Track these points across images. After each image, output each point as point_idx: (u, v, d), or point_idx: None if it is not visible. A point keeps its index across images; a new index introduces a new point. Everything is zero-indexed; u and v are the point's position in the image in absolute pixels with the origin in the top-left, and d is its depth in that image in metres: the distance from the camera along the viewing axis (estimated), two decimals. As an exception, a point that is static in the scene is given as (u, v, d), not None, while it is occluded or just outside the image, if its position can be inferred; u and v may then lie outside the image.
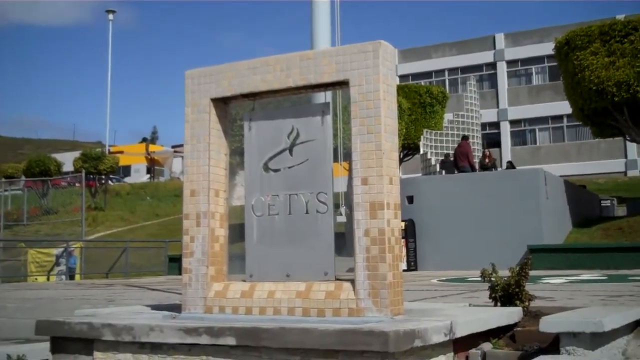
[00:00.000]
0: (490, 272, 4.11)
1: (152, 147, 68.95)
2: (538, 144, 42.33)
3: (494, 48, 43.89)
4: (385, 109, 3.55)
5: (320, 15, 8.60)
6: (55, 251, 19.69)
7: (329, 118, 3.84)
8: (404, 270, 3.59)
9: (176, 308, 4.15)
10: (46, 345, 3.84)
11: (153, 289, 8.83)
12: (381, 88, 3.55)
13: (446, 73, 45.19)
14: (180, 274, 17.18)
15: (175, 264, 19.10)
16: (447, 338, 3.08)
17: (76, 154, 45.27)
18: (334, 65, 3.70)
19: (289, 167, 3.86)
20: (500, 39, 43.90)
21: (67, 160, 45.99)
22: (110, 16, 55.99)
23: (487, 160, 19.99)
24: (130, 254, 19.95)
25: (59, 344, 3.65)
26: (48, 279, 18.48)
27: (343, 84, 3.73)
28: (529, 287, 4.07)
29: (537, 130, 42.53)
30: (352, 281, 3.46)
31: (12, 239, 25.10)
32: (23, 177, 41.47)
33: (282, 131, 3.91)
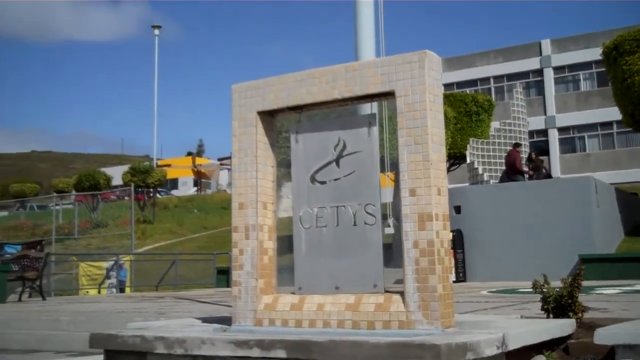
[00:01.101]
0: (541, 283, 4.04)
1: (198, 160, 69.83)
2: (587, 151, 41.62)
3: (540, 54, 43.36)
4: (432, 119, 3.53)
5: (364, 26, 8.61)
6: (106, 264, 20.03)
7: (375, 129, 3.83)
8: (452, 282, 3.55)
9: (226, 321, 4.17)
10: (99, 358, 3.90)
11: (202, 302, 8.90)
12: (427, 98, 3.52)
13: (492, 81, 44.80)
14: (228, 286, 17.38)
15: (223, 276, 19.27)
16: (500, 351, 3.04)
17: (125, 167, 46.02)
18: (379, 76, 3.69)
19: (336, 179, 3.86)
20: (547, 45, 43.36)
21: (116, 174, 46.78)
22: (156, 31, 56.94)
23: (534, 162, 19.63)
24: (179, 266, 20.20)
25: (112, 357, 3.70)
26: (99, 292, 18.80)
27: (389, 95, 3.72)
28: (582, 298, 3.99)
29: (586, 137, 41.84)
30: (402, 293, 3.43)
31: (64, 252, 25.60)
32: (74, 192, 42.33)
33: (329, 143, 3.91)
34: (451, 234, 12.64)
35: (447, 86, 43.48)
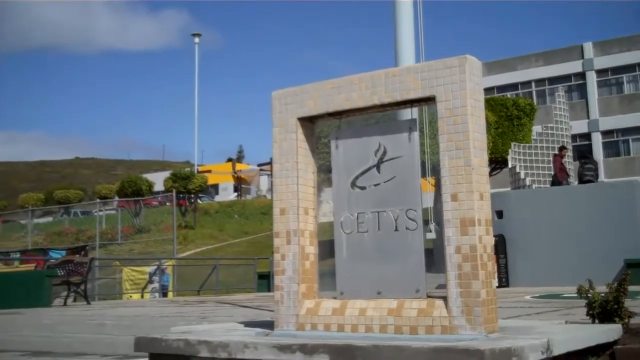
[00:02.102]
0: (586, 288, 3.99)
1: (238, 166, 70.26)
2: (632, 154, 40.86)
3: (582, 57, 42.74)
4: (473, 124, 3.52)
5: (403, 32, 8.60)
6: (149, 269, 20.27)
7: (416, 134, 3.83)
8: (495, 287, 3.53)
9: (268, 325, 4.20)
10: (144, 361, 3.96)
11: (244, 306, 8.96)
12: (468, 103, 3.51)
13: (533, 84, 44.30)
14: (269, 291, 17.46)
15: (264, 281, 19.35)
16: (544, 356, 3.01)
17: (166, 174, 46.59)
18: (419, 82, 3.69)
19: (377, 185, 3.86)
20: (589, 48, 42.74)
21: (158, 180, 47.37)
22: (196, 39, 57.58)
23: (564, 157, 19.24)
24: (220, 271, 20.35)
25: (157, 360, 3.76)
26: (142, 297, 19.03)
27: (429, 100, 3.71)
28: (628, 303, 3.93)
29: (630, 140, 41.09)
30: (444, 298, 3.42)
31: (108, 257, 25.99)
32: (116, 197, 42.99)
33: (369, 149, 3.92)
34: (493, 238, 12.51)
35: (488, 90, 43.09)
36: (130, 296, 19.15)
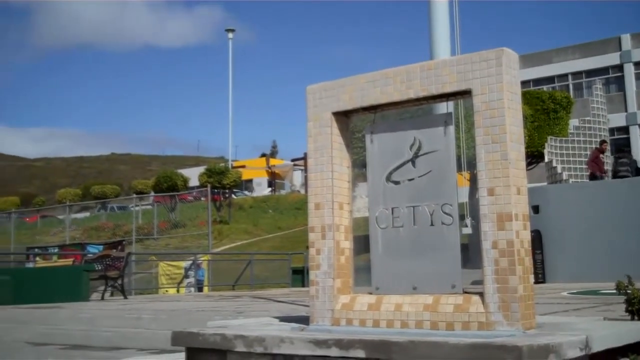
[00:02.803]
0: (625, 284, 3.93)
1: (272, 161, 70.48)
2: (671, 148, 40.11)
3: (620, 49, 42.02)
4: (510, 117, 3.48)
5: (439, 25, 8.53)
6: (184, 264, 20.45)
7: (451, 128, 3.80)
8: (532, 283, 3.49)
9: (303, 320, 4.21)
10: (181, 356, 3.99)
11: (278, 301, 9.00)
12: (505, 96, 3.47)
13: (569, 77, 43.69)
14: (303, 286, 17.52)
15: (298, 276, 19.44)
16: (583, 353, 2.97)
17: (201, 169, 46.91)
18: (455, 75, 3.66)
19: (413, 179, 3.84)
20: (627, 40, 42.00)
21: (193, 175, 47.71)
22: (230, 35, 57.88)
23: (604, 151, 18.95)
24: (254, 266, 20.46)
25: (194, 354, 3.78)
26: (178, 291, 19.21)
27: (465, 94, 3.68)
28: (670, 300, 3.85)
29: (670, 133, 40.34)
30: (481, 294, 3.39)
31: (144, 252, 26.27)
32: (152, 193, 43.43)
33: (404, 143, 3.90)
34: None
35: (524, 83, 42.56)
36: (167, 291, 19.34)
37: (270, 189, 62.70)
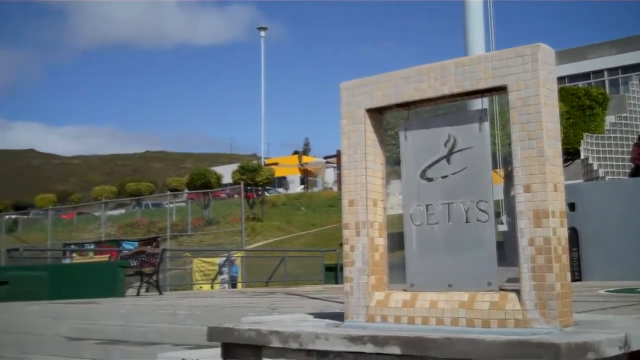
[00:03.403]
0: (665, 282, 3.87)
1: (304, 159, 70.59)
2: None
3: (658, 44, 41.30)
4: (547, 113, 3.44)
5: (473, 20, 8.47)
6: (218, 260, 20.57)
7: (486, 125, 3.78)
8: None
9: (337, 316, 4.22)
10: (216, 351, 4.03)
11: (312, 298, 9.02)
12: (541, 92, 3.44)
13: (605, 74, 43.06)
14: (336, 283, 17.52)
15: (331, 273, 19.44)
16: (622, 351, 2.93)
17: (234, 166, 47.18)
18: (490, 71, 3.63)
19: (447, 176, 3.83)
20: (665, 35, 41.26)
21: (226, 173, 48.00)
22: (262, 33, 58.09)
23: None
24: (288, 263, 20.52)
25: (229, 350, 3.82)
26: (212, 287, 19.35)
27: (500, 90, 3.65)
28: None
29: None
30: (517, 292, 3.37)
31: (178, 248, 26.51)
32: (186, 190, 43.79)
33: (439, 139, 3.89)
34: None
35: (559, 80, 41.81)
36: (201, 287, 19.49)
37: (302, 186, 62.80)
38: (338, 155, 54.04)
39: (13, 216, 47.53)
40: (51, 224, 34.13)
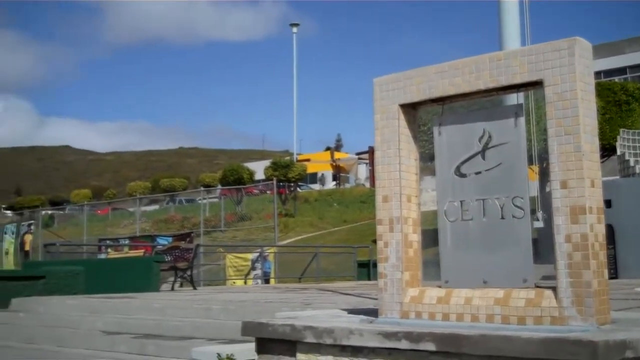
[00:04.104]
0: None
1: (337, 155, 70.49)
2: None
3: (697, 37, 40.48)
4: (584, 108, 3.40)
5: (508, 15, 8.39)
6: (251, 256, 20.65)
7: (522, 120, 3.74)
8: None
9: (371, 312, 4.22)
10: (250, 346, 4.05)
11: (345, 294, 9.02)
12: (578, 87, 3.40)
13: (643, 68, 42.31)
14: (369, 279, 17.49)
15: (363, 269, 19.42)
16: (661, 350, 2.88)
17: (266, 162, 47.30)
18: (525, 65, 3.60)
19: (482, 172, 3.80)
20: None
21: (258, 169, 48.14)
22: (294, 29, 58.11)
23: None
24: (320, 259, 20.53)
25: (263, 344, 3.84)
26: (245, 283, 19.44)
27: (536, 84, 3.61)
28: None
29: None
30: (554, 289, 3.33)
31: (212, 244, 26.67)
32: (219, 186, 44.01)
33: (473, 135, 3.86)
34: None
35: (594, 75, 41.40)
36: (234, 282, 19.58)
37: (334, 182, 62.76)
38: (370, 151, 53.90)
39: (49, 212, 48.20)
40: (86, 219, 34.57)
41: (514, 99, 5.67)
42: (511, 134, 3.72)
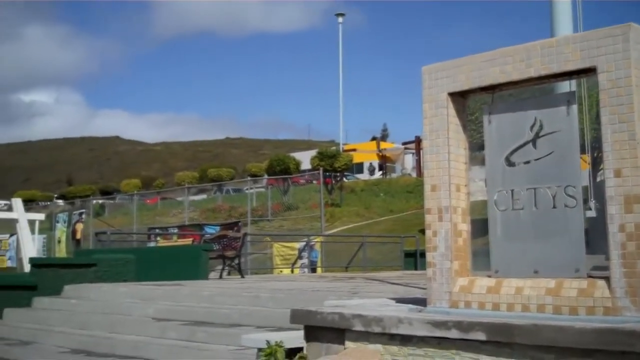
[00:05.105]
0: None
1: (383, 145, 70.23)
2: None
3: None
4: (639, 95, 3.33)
5: (560, 1, 8.23)
6: (298, 245, 20.76)
7: (574, 108, 3.68)
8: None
9: (419, 302, 4.21)
10: (299, 333, 4.08)
11: (392, 283, 9.02)
12: (633, 74, 3.33)
13: (699, 52, 41.17)
14: (415, 269, 17.44)
15: (410, 259, 19.37)
16: None
17: (312, 152, 47.35)
18: (578, 52, 3.53)
19: (533, 160, 3.75)
20: None
21: (304, 159, 48.25)
22: (340, 19, 58.04)
23: None
24: (367, 248, 20.54)
25: (312, 332, 3.87)
26: (292, 271, 19.56)
27: (589, 72, 3.55)
28: None
29: None
30: (606, 279, 3.28)
31: (259, 233, 26.88)
32: (265, 176, 44.28)
33: (524, 123, 3.81)
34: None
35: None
36: (281, 271, 19.72)
37: (381, 172, 62.56)
38: (417, 141, 53.53)
39: (100, 201, 49.11)
40: (136, 208, 35.11)
41: (565, 86, 5.57)
42: (563, 122, 3.66)
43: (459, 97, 4.10)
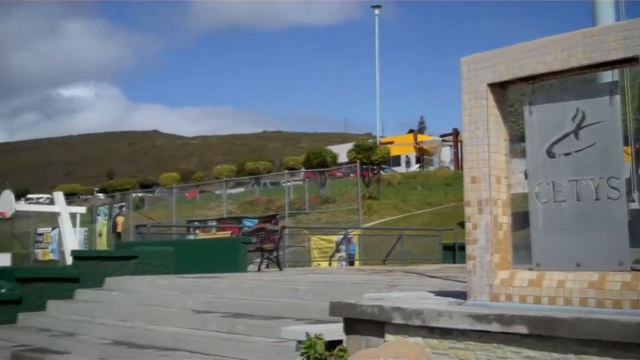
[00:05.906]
0: None
1: (420, 137, 69.84)
2: None
3: None
4: (685, 85, 3.26)
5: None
6: (335, 238, 20.77)
7: (617, 98, 3.62)
8: None
9: (459, 295, 4.18)
10: (338, 326, 4.09)
11: (431, 276, 8.97)
12: (678, 63, 3.26)
13: None
14: (454, 262, 17.31)
15: (449, 252, 19.23)
16: None
17: (349, 145, 47.24)
18: (621, 41, 3.47)
19: (575, 152, 3.70)
20: None
21: (341, 152, 48.18)
22: (376, 11, 57.69)
23: None
24: (405, 241, 20.46)
25: (351, 325, 3.87)
26: (329, 264, 19.59)
27: (632, 61, 3.49)
28: None
29: None
30: (652, 272, 3.23)
31: (296, 226, 26.94)
32: (303, 169, 44.34)
33: (566, 114, 3.76)
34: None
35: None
36: (319, 264, 19.76)
37: (418, 165, 62.25)
38: (454, 133, 53.13)
39: (140, 194, 49.68)
40: (175, 201, 35.44)
41: (607, 76, 5.48)
42: (606, 112, 3.61)
43: (499, 88, 4.06)
